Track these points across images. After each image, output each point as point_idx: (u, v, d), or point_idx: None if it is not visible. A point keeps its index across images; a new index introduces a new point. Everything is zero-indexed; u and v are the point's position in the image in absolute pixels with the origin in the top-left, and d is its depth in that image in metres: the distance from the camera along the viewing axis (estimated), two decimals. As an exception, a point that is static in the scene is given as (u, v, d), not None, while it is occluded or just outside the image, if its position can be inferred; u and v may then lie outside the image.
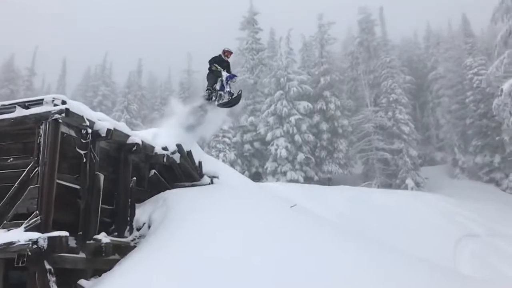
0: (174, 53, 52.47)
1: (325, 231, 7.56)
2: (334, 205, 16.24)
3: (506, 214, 19.45)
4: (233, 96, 10.32)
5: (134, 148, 7.88)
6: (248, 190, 10.37)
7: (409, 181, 28.22)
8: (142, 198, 8.49)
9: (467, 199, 22.23)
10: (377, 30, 37.66)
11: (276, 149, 29.70)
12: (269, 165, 29.77)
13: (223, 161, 26.86)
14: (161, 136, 9.50)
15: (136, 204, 7.95)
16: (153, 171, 9.07)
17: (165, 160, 8.92)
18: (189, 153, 9.63)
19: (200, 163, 9.99)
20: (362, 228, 12.72)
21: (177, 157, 9.24)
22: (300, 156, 29.68)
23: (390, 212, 16.92)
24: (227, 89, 10.24)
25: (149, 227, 7.50)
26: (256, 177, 29.59)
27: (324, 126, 31.61)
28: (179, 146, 9.29)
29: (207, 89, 10.57)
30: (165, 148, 9.04)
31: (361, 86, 34.75)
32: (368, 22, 36.86)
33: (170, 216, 7.06)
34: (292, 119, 30.28)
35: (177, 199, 7.87)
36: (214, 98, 10.37)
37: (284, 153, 29.24)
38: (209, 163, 10.88)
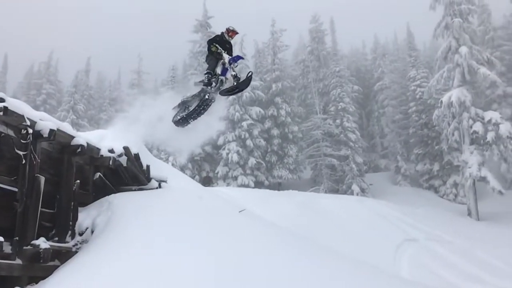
0: (124, 54, 51.28)
1: (271, 234, 7.65)
2: (283, 210, 16.42)
3: (443, 219, 20.56)
4: (241, 80, 8.93)
5: (79, 150, 7.60)
6: (197, 195, 10.27)
7: (355, 187, 29.15)
8: (86, 201, 8.20)
9: (408, 204, 23.31)
10: (327, 39, 38.80)
11: (227, 154, 29.72)
12: (220, 170, 29.72)
13: (173, 165, 26.51)
14: (108, 138, 9.21)
15: (80, 208, 7.66)
16: (98, 174, 8.78)
17: (111, 163, 8.65)
18: (137, 156, 9.40)
19: (148, 166, 9.79)
20: (309, 232, 12.98)
21: (123, 160, 8.98)
22: (251, 161, 29.88)
23: (336, 217, 17.35)
24: (232, 72, 8.94)
25: (92, 231, 7.25)
26: (207, 181, 29.44)
27: (275, 131, 32.05)
28: (126, 148, 9.03)
29: (207, 73, 9.25)
30: (111, 151, 8.76)
31: (311, 93, 35.55)
32: (318, 31, 37.84)
33: (114, 221, 6.87)
34: (244, 124, 30.44)
35: (122, 203, 7.67)
36: (214, 84, 9.09)
37: (235, 157, 29.31)
38: (158, 166, 10.69)
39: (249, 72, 8.92)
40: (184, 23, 38.10)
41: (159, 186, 9.85)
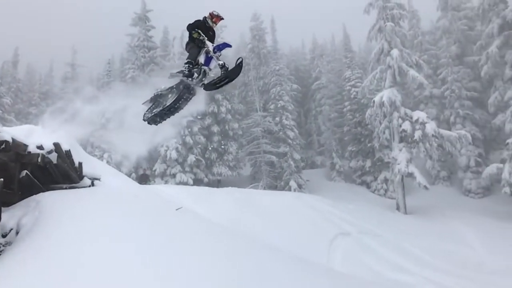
0: (56, 46, 48.63)
1: (207, 232, 7.67)
2: (221, 207, 16.45)
3: (373, 214, 21.67)
4: (229, 69, 7.77)
5: (2, 146, 7.15)
6: (132, 193, 10.03)
7: (293, 183, 29.83)
8: (10, 201, 7.70)
9: (342, 200, 24.28)
10: (267, 38, 39.27)
11: (166, 151, 29.21)
12: (158, 167, 29.16)
13: (108, 162, 25.60)
14: (37, 133, 8.72)
15: (3, 208, 7.19)
16: (25, 171, 8.27)
17: (39, 160, 8.19)
18: (68, 153, 8.98)
19: (80, 164, 9.40)
20: (246, 228, 13.13)
21: (53, 157, 8.55)
22: (191, 158, 29.59)
23: (274, 213, 17.67)
24: (218, 62, 7.84)
25: (17, 233, 6.84)
26: (144, 179, 28.72)
27: (215, 128, 31.96)
28: (56, 145, 8.60)
29: (187, 63, 8.08)
30: (40, 147, 8.31)
31: (251, 91, 35.84)
32: (259, 29, 38.19)
33: (42, 222, 6.53)
34: (184, 120, 30.04)
35: (51, 203, 7.31)
36: (196, 75, 8.03)
37: (174, 154, 28.89)
38: (91, 164, 10.30)
39: (239, 58, 7.83)
40: (123, 16, 36.84)
41: (92, 184, 9.50)
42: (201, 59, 8.16)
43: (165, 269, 5.23)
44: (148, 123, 8.68)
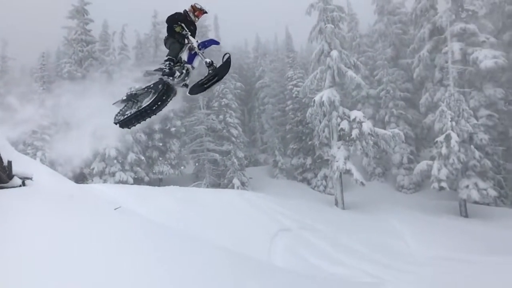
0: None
1: (147, 232, 7.56)
2: (163, 206, 16.19)
3: (314, 209, 22.32)
4: (217, 66, 7.12)
5: None
6: (67, 193, 9.61)
7: (236, 181, 29.97)
8: None
9: (284, 196, 24.77)
10: (210, 35, 39.08)
11: (104, 149, 28.20)
12: (96, 166, 28.11)
13: (41, 160, 24.33)
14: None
15: None
16: None
17: (-38, 159, 7.67)
18: (-4, 151, 8.47)
19: (9, 162, 8.86)
20: (189, 227, 13.03)
21: (-21, 156, 8.03)
22: (131, 156, 28.81)
23: (217, 211, 17.64)
24: (205, 60, 7.10)
25: None
26: (81, 178, 27.60)
27: (156, 126, 31.34)
28: (-18, 143, 8.09)
29: (168, 60, 7.35)
30: (-37, 145, 7.78)
31: (194, 88, 35.47)
32: (202, 26, 37.96)
33: (-35, 224, 6.10)
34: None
35: (-24, 204, 6.84)
36: (178, 73, 7.32)
37: (113, 152, 27.97)
38: (23, 163, 9.75)
39: (226, 54, 7.17)
40: (59, 8, 35.02)
41: (23, 184, 9.00)
42: (184, 56, 7.51)
43: (103, 270, 5.09)
44: (120, 126, 7.95)
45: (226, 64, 7.13)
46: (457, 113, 24.03)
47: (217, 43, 7.72)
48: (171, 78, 7.39)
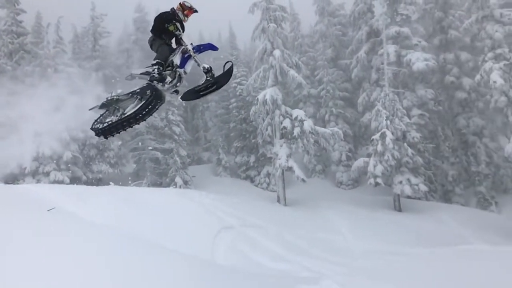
0: None
1: (83, 233, 7.28)
2: (102, 206, 15.64)
3: (256, 207, 22.53)
4: (218, 74, 6.61)
5: None
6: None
7: (178, 179, 29.57)
8: None
9: (227, 194, 24.79)
10: (152, 30, 38.21)
11: (38, 147, 26.69)
12: (29, 165, 26.54)
13: (-34, 160, 22.54)
14: None
15: None
16: None
17: None
18: None
19: None
20: (128, 227, 12.69)
21: None
22: (67, 155, 27.51)
23: (158, 210, 17.31)
24: (203, 65, 6.54)
25: None
26: (11, 178, 25.95)
27: (94, 123, 30.16)
28: None
29: (157, 64, 6.72)
30: None
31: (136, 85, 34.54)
32: (143, 21, 37.08)
33: None
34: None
35: None
36: (170, 79, 6.71)
37: (47, 151, 26.54)
38: None
39: (228, 62, 6.75)
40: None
41: None
42: (176, 59, 6.86)
43: (39, 272, 4.85)
44: (97, 134, 7.21)
45: (228, 73, 6.72)
46: (392, 112, 25.25)
47: (215, 48, 7.06)
48: (161, 83, 6.85)
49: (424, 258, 15.95)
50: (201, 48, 6.94)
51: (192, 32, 50.10)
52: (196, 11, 7.20)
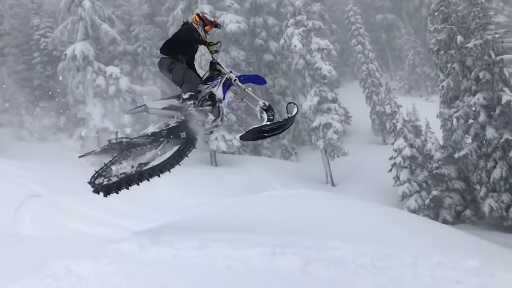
0: None
1: None
2: None
3: (68, 172, 20.92)
4: (285, 118, 5.34)
5: None
6: None
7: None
8: None
9: (33, 160, 22.43)
10: None
11: None
12: None
13: None
14: None
15: None
16: None
17: None
18: None
19: None
20: None
21: None
22: None
23: None
24: (261, 102, 5.29)
25: None
26: None
27: None
28: None
29: (190, 98, 5.08)
30: None
31: None
32: None
33: None
34: None
35: None
36: (212, 117, 5.26)
37: None
38: None
39: (294, 106, 5.61)
40: None
41: None
42: (218, 92, 5.43)
43: None
44: (96, 191, 5.44)
45: (293, 117, 5.75)
46: (207, 72, 26.21)
47: (263, 82, 6.04)
48: (200, 122, 5.45)
49: (239, 205, 17.49)
50: (245, 80, 5.77)
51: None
52: (218, 26, 6.11)
